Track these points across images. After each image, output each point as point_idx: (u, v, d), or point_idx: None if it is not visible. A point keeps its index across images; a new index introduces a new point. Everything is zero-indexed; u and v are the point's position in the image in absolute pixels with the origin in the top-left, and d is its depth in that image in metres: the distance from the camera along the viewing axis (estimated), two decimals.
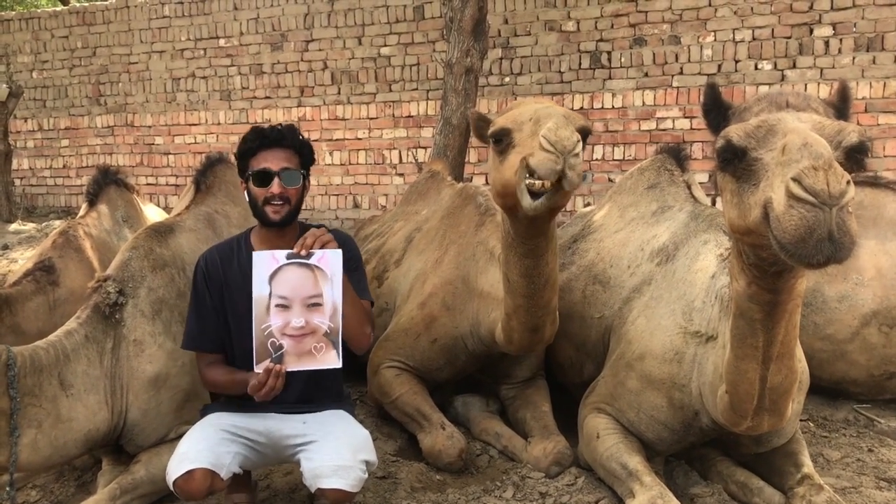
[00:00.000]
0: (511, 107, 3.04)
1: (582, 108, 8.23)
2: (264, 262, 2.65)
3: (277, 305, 2.63)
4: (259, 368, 2.63)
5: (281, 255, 2.64)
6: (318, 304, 2.64)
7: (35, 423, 2.77)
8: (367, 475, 2.80)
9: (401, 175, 9.19)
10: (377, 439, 3.52)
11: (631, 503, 2.88)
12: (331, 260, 2.64)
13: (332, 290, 2.64)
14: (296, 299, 2.63)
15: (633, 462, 3.01)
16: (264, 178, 2.84)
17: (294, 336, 2.64)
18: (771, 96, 2.30)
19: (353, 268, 2.95)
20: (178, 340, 3.10)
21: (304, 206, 3.00)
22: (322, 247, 2.65)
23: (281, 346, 2.63)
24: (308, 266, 2.63)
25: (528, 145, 2.71)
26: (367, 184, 9.42)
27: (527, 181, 2.64)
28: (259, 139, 2.88)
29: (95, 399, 2.97)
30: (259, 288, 2.63)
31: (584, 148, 2.69)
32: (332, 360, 2.66)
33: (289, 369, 2.64)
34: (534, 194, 2.65)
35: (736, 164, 2.12)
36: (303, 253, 2.63)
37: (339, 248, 2.67)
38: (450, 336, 3.77)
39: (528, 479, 3.32)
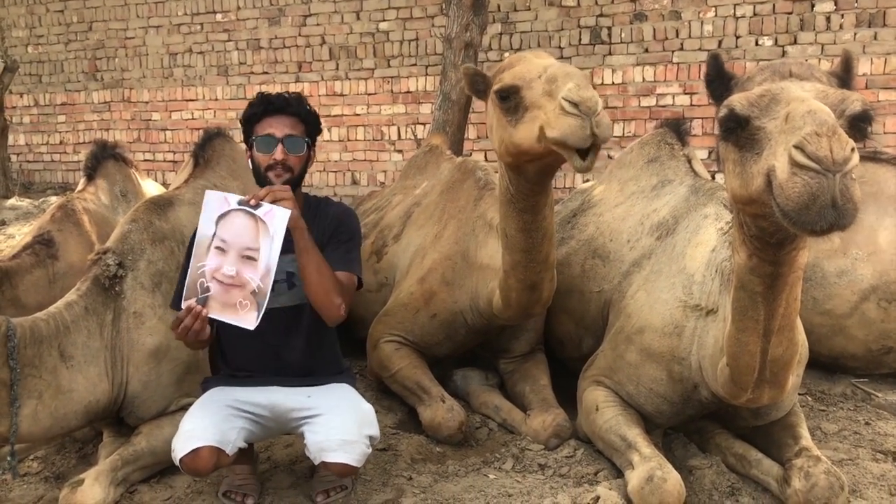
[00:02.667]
0: (511, 62, 2.98)
1: None
2: (216, 202, 2.66)
3: (216, 248, 2.63)
4: (183, 305, 2.64)
5: (233, 199, 2.65)
6: (253, 259, 2.62)
7: (35, 393, 2.78)
8: (370, 450, 2.82)
9: (399, 151, 9.14)
10: (377, 412, 3.51)
11: (630, 474, 2.89)
12: (276, 216, 2.60)
13: (270, 250, 2.60)
14: (233, 246, 2.62)
15: (632, 434, 3.02)
16: (268, 143, 2.83)
17: (223, 283, 2.63)
18: (774, 66, 2.29)
19: (344, 239, 2.94)
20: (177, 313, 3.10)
21: (302, 183, 2.98)
22: (274, 202, 2.62)
23: (208, 289, 2.63)
24: (254, 217, 2.62)
25: (544, 106, 2.66)
26: (365, 160, 9.37)
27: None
28: (264, 105, 2.89)
29: (96, 371, 2.98)
30: (205, 227, 2.64)
31: None
32: (249, 321, 2.62)
33: (209, 315, 2.63)
34: (581, 153, 2.60)
35: (739, 133, 2.11)
36: (252, 202, 2.62)
37: (291, 209, 2.62)
38: (449, 311, 3.77)
39: (528, 451, 3.34)
